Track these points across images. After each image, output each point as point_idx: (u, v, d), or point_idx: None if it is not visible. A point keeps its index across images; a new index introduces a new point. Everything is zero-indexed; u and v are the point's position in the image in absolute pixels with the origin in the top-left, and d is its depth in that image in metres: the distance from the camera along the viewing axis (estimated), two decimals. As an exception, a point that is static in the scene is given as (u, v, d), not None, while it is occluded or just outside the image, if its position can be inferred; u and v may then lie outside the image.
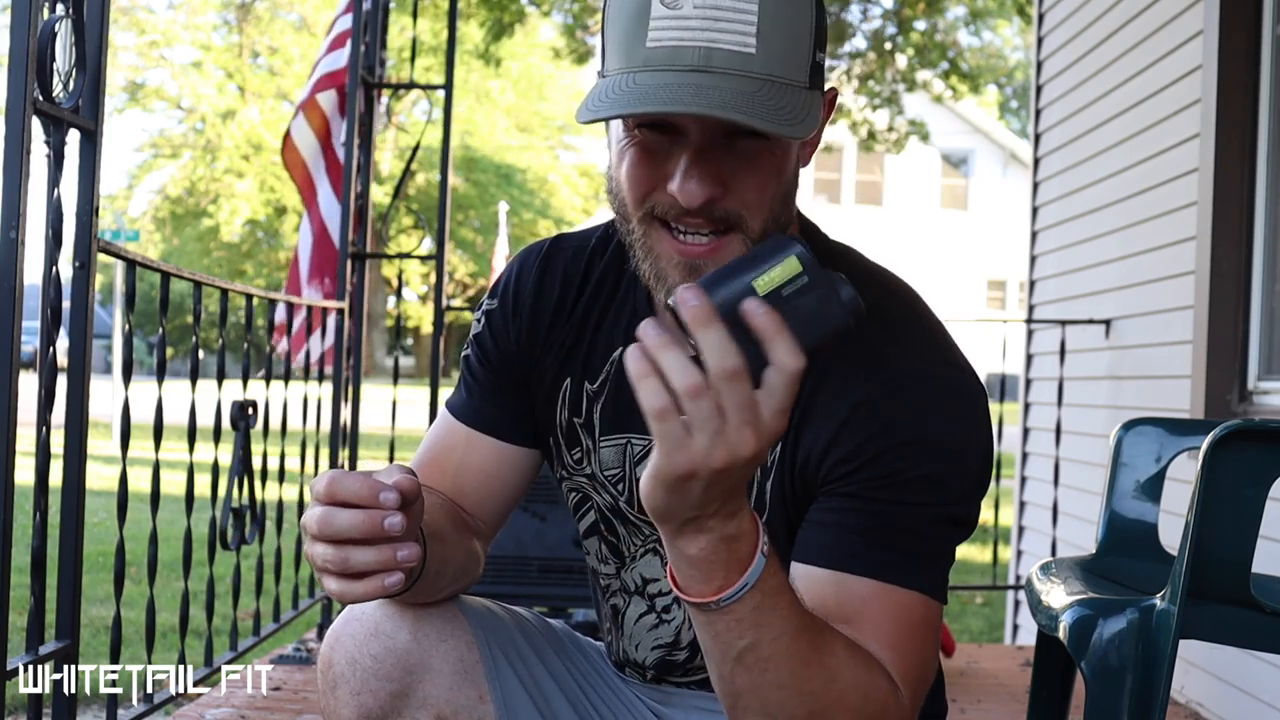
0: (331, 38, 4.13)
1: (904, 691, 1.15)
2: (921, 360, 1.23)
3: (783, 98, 1.12)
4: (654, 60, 1.11)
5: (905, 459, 1.18)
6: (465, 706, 1.26)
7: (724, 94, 1.09)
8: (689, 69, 1.10)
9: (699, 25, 1.10)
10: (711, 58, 1.10)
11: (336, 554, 1.05)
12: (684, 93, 1.09)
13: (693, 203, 1.14)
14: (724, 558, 1.02)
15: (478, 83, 26.17)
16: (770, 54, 1.11)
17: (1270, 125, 3.37)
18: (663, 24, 1.11)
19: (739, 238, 1.18)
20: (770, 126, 1.09)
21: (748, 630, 1.05)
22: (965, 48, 15.64)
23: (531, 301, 1.38)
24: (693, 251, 1.18)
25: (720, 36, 1.10)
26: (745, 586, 1.03)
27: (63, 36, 2.01)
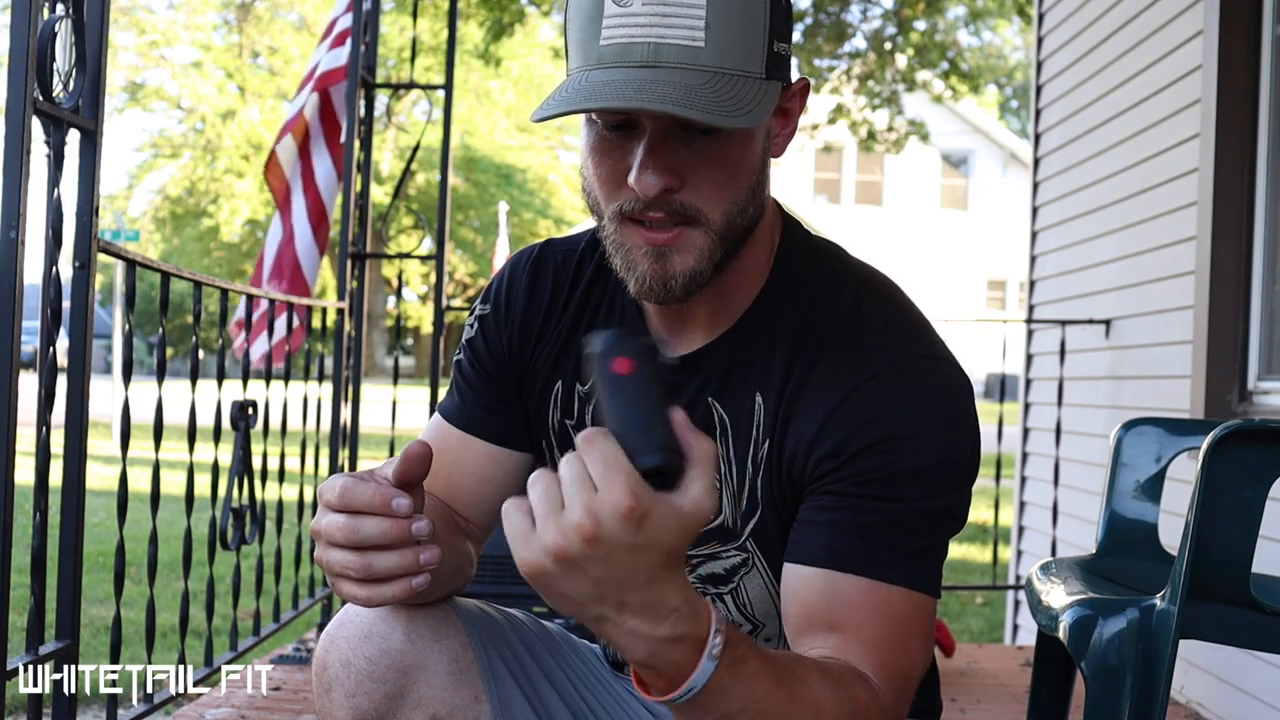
0: (332, 37, 4.13)
1: (884, 689, 1.14)
2: (904, 355, 1.23)
3: (731, 89, 1.12)
4: (606, 57, 1.13)
5: (890, 453, 1.18)
6: (460, 707, 1.26)
7: (667, 88, 1.10)
8: (638, 64, 1.12)
9: (647, 21, 1.11)
10: (660, 52, 1.11)
11: (359, 559, 1.06)
12: (628, 88, 1.10)
13: (648, 193, 1.16)
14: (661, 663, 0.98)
15: (478, 83, 26.18)
16: (719, 46, 1.12)
17: (1270, 125, 3.37)
18: (614, 21, 1.12)
19: (699, 230, 1.19)
20: (709, 118, 1.10)
21: (712, 708, 1.01)
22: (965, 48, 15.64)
23: (523, 305, 1.39)
24: (657, 240, 1.19)
25: (668, 31, 1.11)
26: (692, 689, 0.98)
27: (63, 36, 2.01)
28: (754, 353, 1.27)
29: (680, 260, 1.19)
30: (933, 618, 1.21)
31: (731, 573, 1.32)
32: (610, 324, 1.36)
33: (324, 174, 4.12)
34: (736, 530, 1.29)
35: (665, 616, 0.96)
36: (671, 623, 0.97)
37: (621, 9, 1.12)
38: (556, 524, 0.93)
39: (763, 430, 1.25)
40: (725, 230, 1.20)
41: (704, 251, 1.19)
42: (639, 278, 1.20)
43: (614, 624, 0.96)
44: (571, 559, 0.93)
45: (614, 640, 0.98)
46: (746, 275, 1.28)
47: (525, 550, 0.94)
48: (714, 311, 1.29)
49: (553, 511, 0.93)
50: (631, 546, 0.93)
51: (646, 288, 1.21)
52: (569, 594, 0.95)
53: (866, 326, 1.24)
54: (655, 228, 1.18)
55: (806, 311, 1.26)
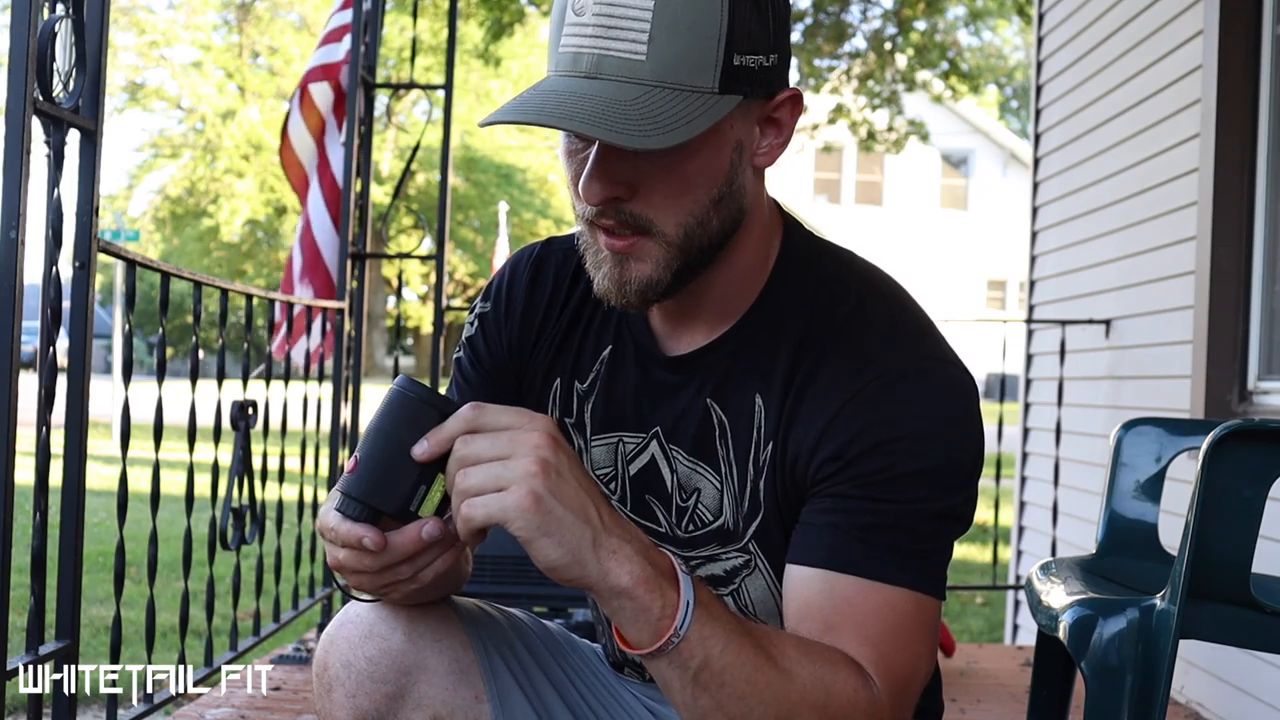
0: (326, 32, 4.12)
1: (880, 686, 1.15)
2: (908, 356, 1.22)
3: (664, 104, 1.12)
4: (561, 65, 1.15)
5: (892, 455, 1.18)
6: (461, 707, 1.26)
7: (589, 103, 1.11)
8: (581, 75, 1.13)
9: (594, 32, 1.12)
10: (601, 65, 1.12)
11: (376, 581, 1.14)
12: (556, 103, 1.12)
13: (591, 200, 1.17)
14: (649, 577, 1.07)
15: (478, 83, 26.17)
16: (661, 60, 1.12)
17: (1270, 125, 3.37)
18: (570, 30, 1.14)
19: (653, 241, 1.19)
20: (613, 137, 1.09)
21: (698, 649, 1.08)
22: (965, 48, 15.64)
23: (524, 304, 1.39)
24: (614, 245, 1.20)
25: (612, 44, 1.12)
26: (689, 602, 1.08)
27: (63, 36, 2.01)
28: (754, 354, 1.27)
29: (637, 268, 1.20)
30: (936, 620, 1.21)
31: (732, 574, 1.32)
32: (609, 323, 1.36)
33: (338, 165, 4.12)
34: (738, 532, 1.29)
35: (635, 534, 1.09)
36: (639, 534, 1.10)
37: (576, 18, 1.14)
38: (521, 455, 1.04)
39: (764, 432, 1.25)
40: (683, 242, 1.20)
41: (659, 262, 1.20)
42: (599, 280, 1.23)
43: (605, 543, 1.06)
44: (550, 468, 1.04)
45: (607, 570, 1.06)
46: (744, 279, 1.28)
47: (514, 490, 1.04)
48: (714, 312, 1.29)
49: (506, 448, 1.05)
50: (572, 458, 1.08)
51: (603, 290, 1.23)
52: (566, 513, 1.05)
53: (870, 328, 1.24)
54: (613, 234, 1.20)
55: (809, 313, 1.26)
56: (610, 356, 1.35)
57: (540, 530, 1.04)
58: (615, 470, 1.35)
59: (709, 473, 1.29)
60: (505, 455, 1.05)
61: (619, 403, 1.34)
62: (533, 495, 1.03)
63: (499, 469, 1.04)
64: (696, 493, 1.30)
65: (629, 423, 1.33)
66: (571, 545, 1.05)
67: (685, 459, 1.30)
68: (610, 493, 1.36)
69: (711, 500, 1.30)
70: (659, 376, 1.31)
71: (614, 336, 1.35)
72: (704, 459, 1.29)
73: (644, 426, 1.32)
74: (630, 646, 1.09)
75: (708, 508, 1.30)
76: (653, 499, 1.34)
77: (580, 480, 1.07)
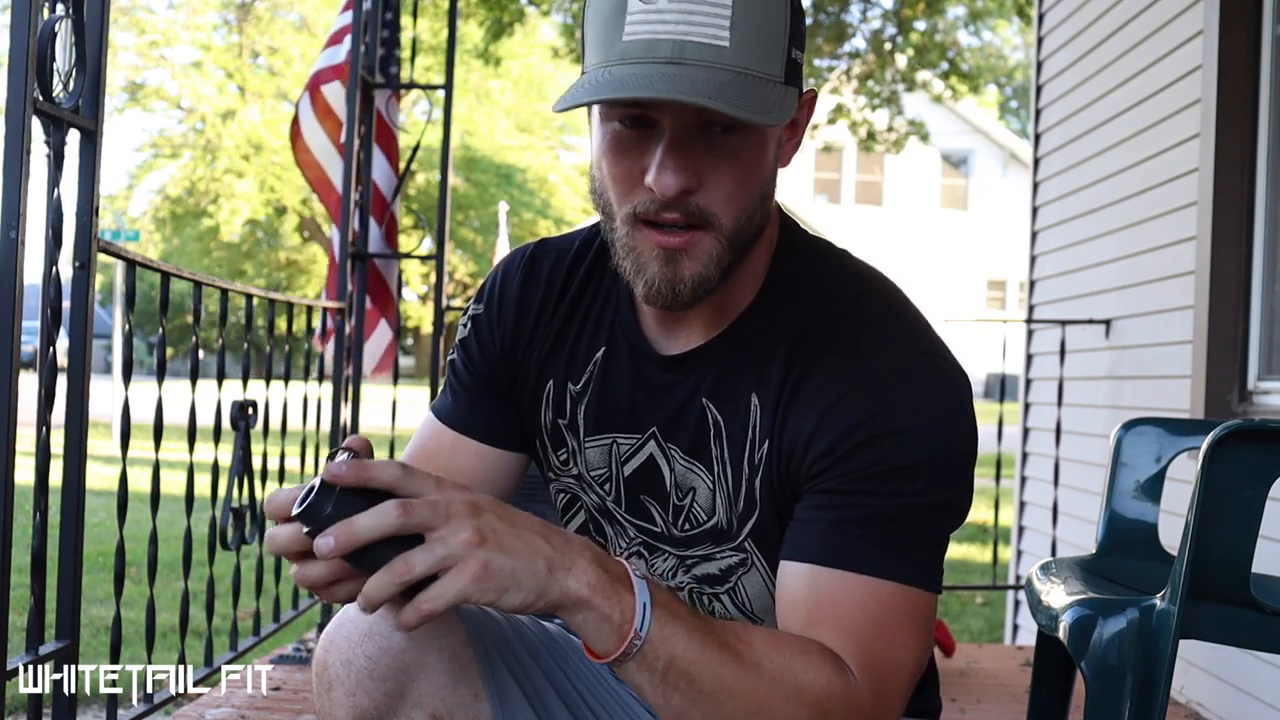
0: (332, 32, 4.12)
1: (860, 677, 1.14)
2: (902, 352, 1.23)
3: (754, 89, 1.13)
4: (630, 53, 1.13)
5: (885, 449, 1.18)
6: (460, 705, 1.26)
7: (695, 82, 1.10)
8: (663, 60, 1.12)
9: (673, 19, 1.12)
10: (685, 50, 1.11)
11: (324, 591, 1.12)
12: (656, 81, 1.10)
13: (668, 192, 1.15)
14: (603, 584, 1.06)
15: (478, 83, 26.17)
16: (743, 47, 1.12)
17: (1270, 125, 3.37)
18: (639, 18, 1.12)
19: (710, 235, 1.19)
20: (739, 112, 1.10)
21: (660, 649, 1.07)
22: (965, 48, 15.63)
23: (516, 305, 1.39)
24: (669, 243, 1.19)
25: (693, 29, 1.11)
26: (646, 604, 1.07)
27: (63, 36, 2.01)
28: (750, 354, 1.27)
29: (690, 265, 1.19)
30: (928, 613, 1.20)
31: (728, 573, 1.32)
32: (603, 325, 1.35)
33: (380, 171, 4.12)
34: (732, 531, 1.29)
35: (582, 541, 1.07)
36: (590, 546, 1.07)
37: (647, 6, 1.12)
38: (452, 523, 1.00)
39: (760, 432, 1.25)
40: (735, 236, 1.20)
41: (713, 257, 1.20)
42: (648, 281, 1.20)
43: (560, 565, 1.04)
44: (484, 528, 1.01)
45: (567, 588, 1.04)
46: (745, 276, 1.28)
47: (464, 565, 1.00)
48: (711, 312, 1.29)
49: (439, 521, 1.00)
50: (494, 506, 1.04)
51: (655, 291, 1.21)
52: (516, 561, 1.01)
53: (864, 325, 1.24)
54: (668, 230, 1.18)
55: (804, 312, 1.26)
56: (604, 357, 1.35)
57: (499, 590, 1.02)
58: (610, 471, 1.35)
59: (703, 472, 1.29)
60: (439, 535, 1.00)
61: (613, 403, 1.34)
62: (480, 569, 1.00)
63: (440, 551, 1.00)
64: (692, 492, 1.31)
65: (623, 423, 1.33)
66: (531, 586, 1.03)
67: (681, 458, 1.30)
68: (605, 494, 1.36)
69: (705, 500, 1.30)
70: (654, 376, 1.31)
71: (608, 337, 1.35)
72: (698, 458, 1.29)
73: (639, 427, 1.32)
74: (598, 657, 1.09)
75: (702, 507, 1.30)
76: (649, 499, 1.34)
77: (513, 521, 1.04)
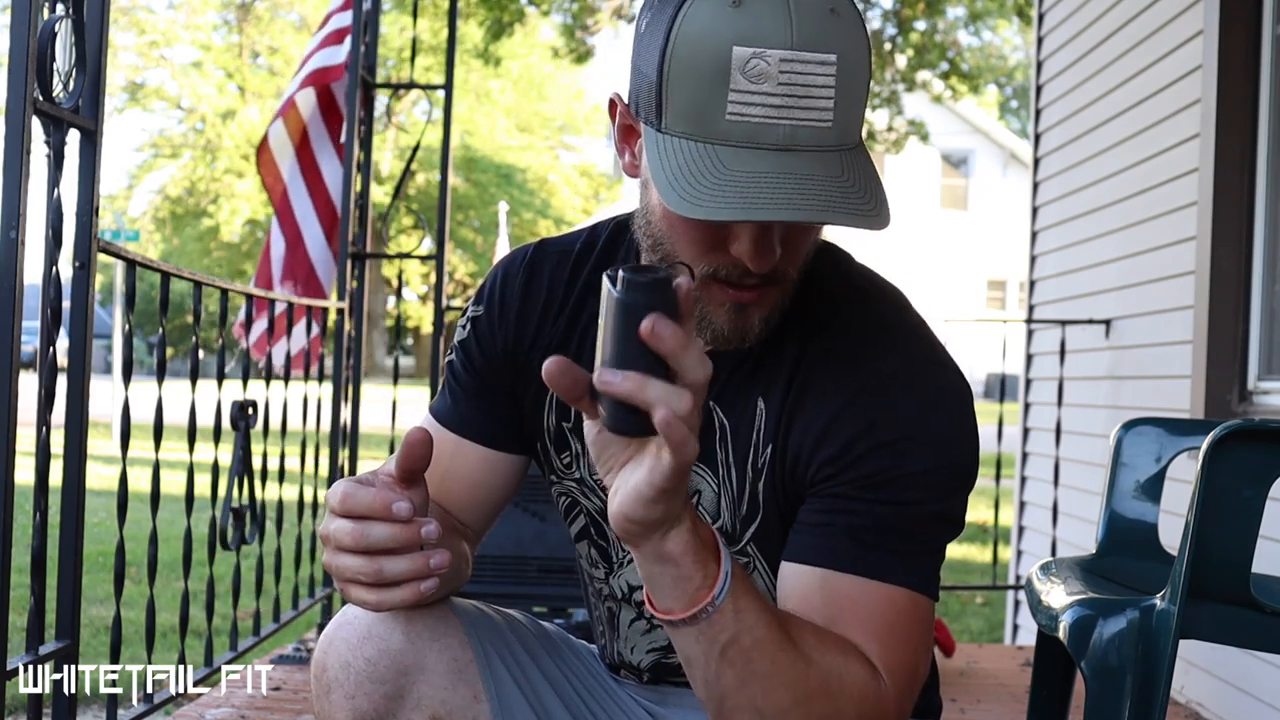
0: (325, 33, 4.12)
1: (888, 681, 1.15)
2: (906, 360, 1.23)
3: (860, 169, 1.12)
4: (735, 135, 1.09)
5: (890, 458, 1.19)
6: (460, 706, 1.26)
7: (817, 186, 1.08)
8: (774, 148, 1.09)
9: (783, 102, 1.08)
10: (796, 136, 1.09)
11: (369, 564, 1.09)
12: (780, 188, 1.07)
13: (765, 269, 1.16)
14: (696, 547, 1.05)
15: (478, 83, 26.18)
16: (843, 124, 1.11)
17: (1270, 125, 3.37)
18: (745, 98, 1.08)
19: (779, 287, 1.20)
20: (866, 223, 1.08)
21: (730, 623, 1.07)
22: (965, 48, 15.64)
23: (518, 306, 1.38)
24: (744, 299, 1.19)
25: (804, 114, 1.09)
26: (728, 574, 1.07)
27: (63, 36, 2.01)
28: (757, 357, 1.27)
29: (758, 313, 1.21)
30: (932, 619, 1.22)
31: (730, 577, 1.32)
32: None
33: (331, 174, 4.11)
34: (735, 535, 1.29)
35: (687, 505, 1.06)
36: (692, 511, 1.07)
37: (754, 86, 1.07)
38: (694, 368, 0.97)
39: (764, 435, 1.26)
40: (797, 283, 1.23)
41: (777, 305, 1.22)
42: (715, 330, 1.21)
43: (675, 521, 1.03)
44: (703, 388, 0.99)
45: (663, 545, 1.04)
46: None
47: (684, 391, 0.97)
48: None
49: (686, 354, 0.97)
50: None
51: (721, 339, 1.21)
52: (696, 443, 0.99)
53: (870, 332, 1.25)
54: (745, 287, 1.19)
55: (812, 318, 1.27)
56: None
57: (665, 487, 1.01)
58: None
59: (707, 475, 1.29)
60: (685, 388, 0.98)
61: None
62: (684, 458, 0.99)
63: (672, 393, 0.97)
64: (696, 494, 1.31)
65: None
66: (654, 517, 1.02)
67: None
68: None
69: (709, 502, 1.30)
70: None
71: None
72: (703, 461, 1.29)
73: None
74: (661, 613, 1.08)
75: (706, 510, 1.30)
76: None
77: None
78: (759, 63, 1.07)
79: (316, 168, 4.09)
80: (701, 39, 1.08)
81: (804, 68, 1.08)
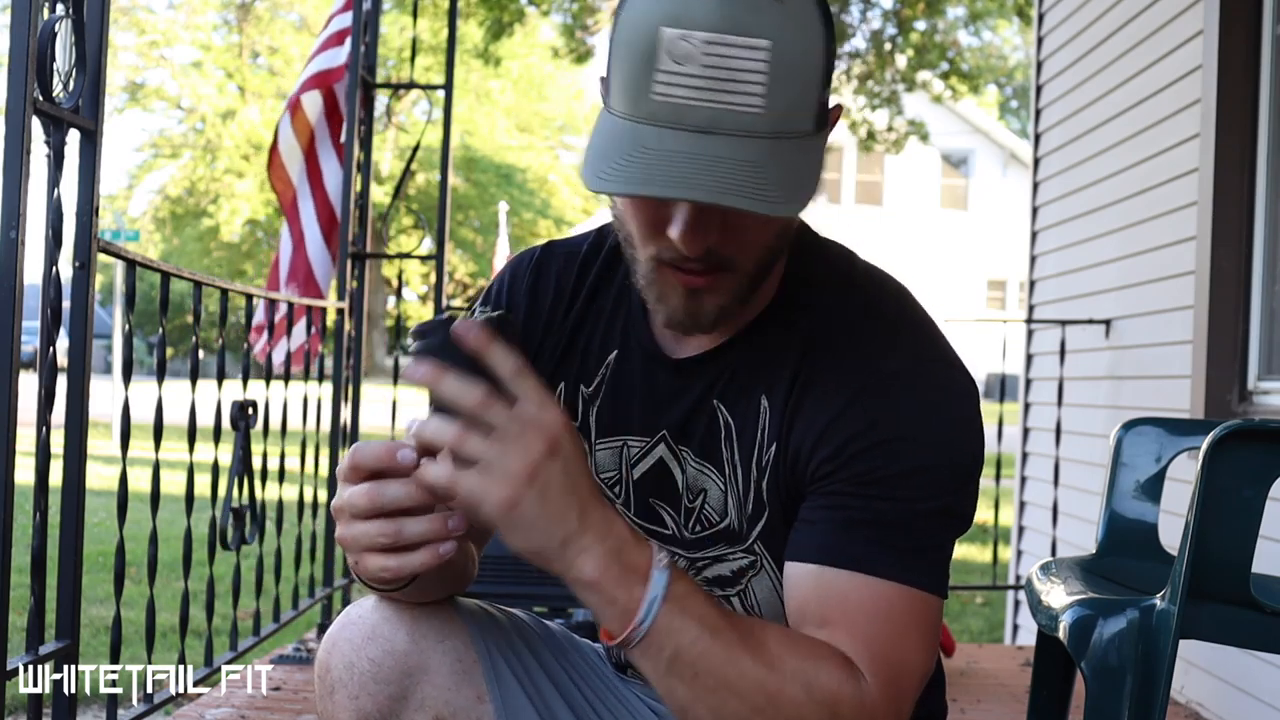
0: (327, 35, 4.12)
1: (871, 681, 1.14)
2: (909, 357, 1.23)
3: (789, 158, 1.10)
4: (659, 115, 1.08)
5: (889, 454, 1.18)
6: (464, 707, 1.26)
7: (715, 167, 1.07)
8: (694, 129, 1.08)
9: (705, 84, 1.07)
10: (718, 120, 1.07)
11: (389, 525, 1.07)
12: (686, 167, 1.07)
13: (695, 251, 1.15)
14: (615, 573, 1.08)
15: (478, 83, 26.18)
16: (777, 112, 1.09)
17: (1270, 125, 3.37)
18: (669, 79, 1.07)
19: (732, 274, 1.19)
20: (752, 205, 1.07)
21: (667, 641, 1.09)
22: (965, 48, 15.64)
23: (525, 308, 1.38)
24: (693, 283, 1.19)
25: (729, 98, 1.07)
26: (655, 599, 1.08)
27: (63, 36, 2.01)
28: (762, 356, 1.27)
29: (711, 300, 1.20)
30: (935, 617, 1.20)
31: (739, 575, 1.32)
32: (615, 327, 1.35)
33: (331, 175, 4.11)
34: (743, 533, 1.29)
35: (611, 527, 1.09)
36: (616, 535, 1.09)
37: (677, 66, 1.07)
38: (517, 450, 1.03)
39: (768, 433, 1.26)
40: (756, 271, 1.21)
41: (735, 292, 1.21)
42: (670, 312, 1.21)
43: (575, 544, 1.07)
44: (539, 478, 1.04)
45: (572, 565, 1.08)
46: None
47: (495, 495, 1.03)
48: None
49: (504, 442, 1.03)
50: (576, 451, 1.06)
51: (675, 322, 1.22)
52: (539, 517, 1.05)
53: (874, 330, 1.25)
54: (692, 272, 1.18)
55: (815, 315, 1.26)
56: (616, 360, 1.34)
57: (507, 526, 1.06)
58: (619, 474, 1.35)
59: (714, 474, 1.29)
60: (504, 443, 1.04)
61: (625, 406, 1.34)
62: (509, 500, 1.04)
63: (494, 453, 1.04)
64: (703, 494, 1.31)
65: (634, 426, 1.33)
66: (537, 544, 1.07)
67: (693, 460, 1.30)
68: (615, 497, 1.36)
69: (717, 501, 1.30)
70: (665, 380, 1.31)
71: (620, 340, 1.34)
72: (709, 460, 1.29)
73: (650, 430, 1.32)
74: (603, 635, 1.11)
75: (714, 509, 1.30)
76: (659, 503, 1.33)
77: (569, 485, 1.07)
78: (684, 44, 1.07)
79: (319, 168, 4.09)
80: (638, 20, 1.09)
81: (729, 51, 1.06)
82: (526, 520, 1.05)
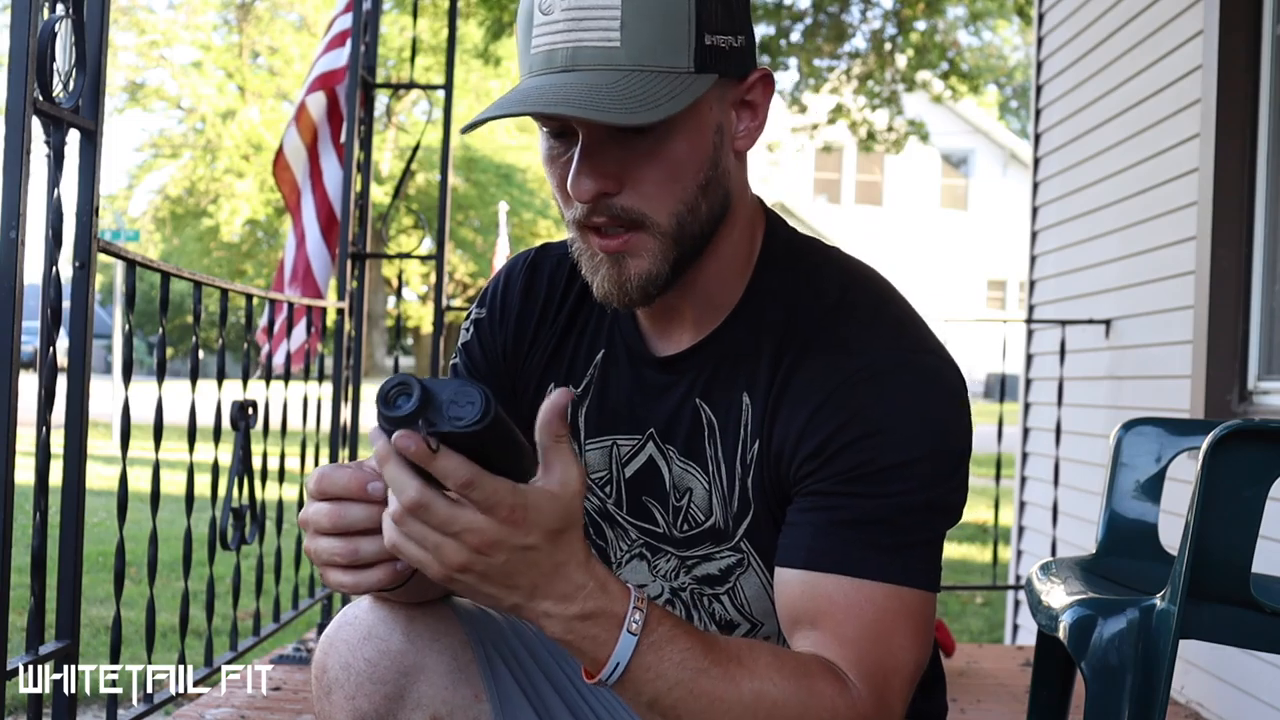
0: (329, 37, 4.13)
1: (861, 687, 1.13)
2: (888, 349, 1.22)
3: (646, 85, 1.13)
4: (535, 65, 1.17)
5: (872, 449, 1.17)
6: (461, 706, 1.27)
7: (573, 90, 1.12)
8: (558, 70, 1.15)
9: (565, 27, 1.14)
10: (577, 56, 1.14)
11: (346, 545, 1.08)
12: (539, 95, 1.13)
13: (582, 198, 1.17)
14: (580, 633, 1.06)
15: (478, 83, 26.16)
16: (637, 45, 1.14)
17: (1270, 125, 3.37)
18: (540, 30, 1.16)
19: (647, 234, 1.20)
20: (600, 115, 1.11)
21: (643, 687, 1.08)
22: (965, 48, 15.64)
23: (519, 309, 1.39)
24: (609, 246, 1.20)
25: (585, 35, 1.14)
26: (618, 665, 1.06)
27: (63, 36, 2.01)
28: (740, 353, 1.27)
29: (634, 264, 1.20)
30: (925, 613, 1.19)
31: (727, 573, 1.32)
32: (603, 327, 1.36)
33: (332, 175, 4.12)
34: (728, 532, 1.29)
35: (574, 595, 1.04)
36: (581, 600, 1.05)
37: (545, 17, 1.16)
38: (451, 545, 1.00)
39: (751, 431, 1.25)
40: (676, 231, 1.20)
41: (656, 254, 1.20)
42: (598, 284, 1.23)
43: (529, 609, 1.05)
44: (473, 570, 1.01)
45: (535, 624, 1.06)
46: (729, 274, 1.28)
47: (432, 571, 1.02)
48: (699, 312, 1.29)
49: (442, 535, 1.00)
50: (522, 545, 1.01)
51: (604, 293, 1.23)
52: (484, 594, 1.04)
53: (851, 321, 1.24)
54: (607, 234, 1.20)
55: (791, 309, 1.26)
56: (603, 360, 1.35)
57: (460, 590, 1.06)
58: (610, 474, 1.35)
59: (698, 473, 1.29)
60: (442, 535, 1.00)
61: (612, 406, 1.34)
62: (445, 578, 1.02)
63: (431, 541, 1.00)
64: (689, 492, 1.31)
65: (623, 425, 1.33)
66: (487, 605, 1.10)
67: (678, 459, 1.31)
68: (606, 496, 1.36)
69: (702, 500, 1.30)
70: (650, 378, 1.32)
71: (606, 340, 1.35)
72: (694, 459, 1.29)
73: (638, 428, 1.32)
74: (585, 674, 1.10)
75: (699, 507, 1.30)
76: (650, 500, 1.34)
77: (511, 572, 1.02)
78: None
79: (320, 168, 4.10)
80: None
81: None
82: (469, 592, 1.05)
